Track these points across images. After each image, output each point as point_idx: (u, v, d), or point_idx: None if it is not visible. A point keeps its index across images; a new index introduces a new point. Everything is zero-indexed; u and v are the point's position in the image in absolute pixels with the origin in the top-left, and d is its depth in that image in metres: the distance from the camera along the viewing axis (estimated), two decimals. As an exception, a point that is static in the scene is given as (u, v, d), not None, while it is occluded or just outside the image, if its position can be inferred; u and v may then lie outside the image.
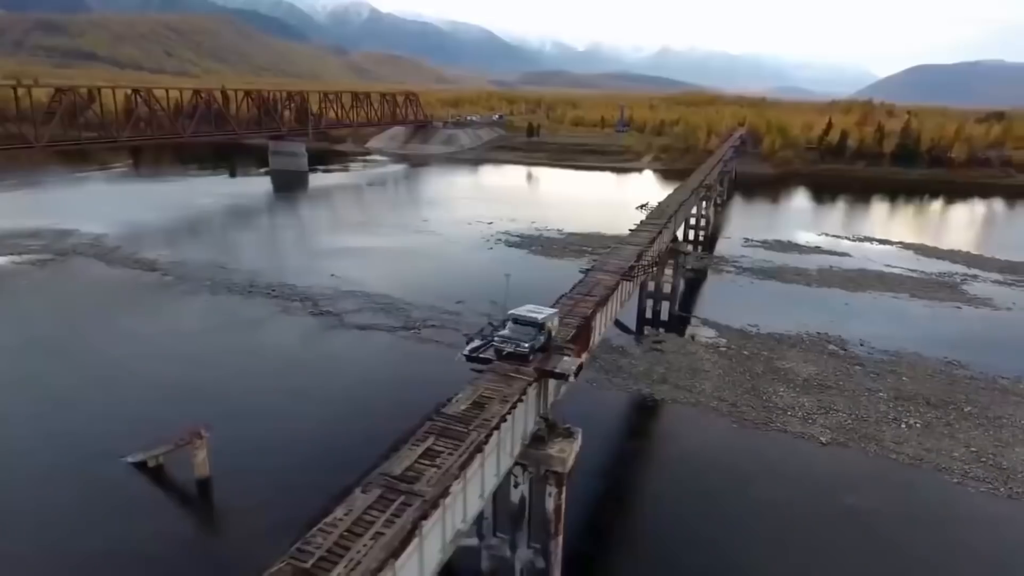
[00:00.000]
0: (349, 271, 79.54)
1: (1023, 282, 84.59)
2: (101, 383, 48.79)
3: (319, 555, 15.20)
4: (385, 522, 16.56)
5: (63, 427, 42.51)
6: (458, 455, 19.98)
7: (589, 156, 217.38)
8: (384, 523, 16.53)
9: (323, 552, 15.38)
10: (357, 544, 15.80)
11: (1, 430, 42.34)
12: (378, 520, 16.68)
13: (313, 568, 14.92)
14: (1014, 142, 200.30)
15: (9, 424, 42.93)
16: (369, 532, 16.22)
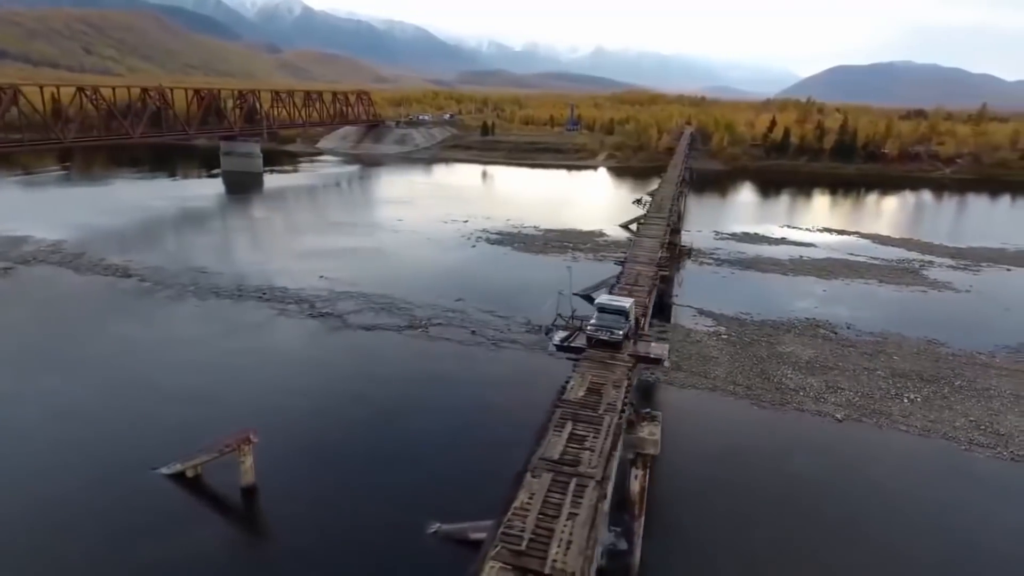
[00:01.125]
0: (338, 272, 78.08)
1: (974, 267, 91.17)
2: (115, 395, 46.39)
3: (528, 537, 15.45)
4: (572, 503, 16.94)
5: (87, 442, 40.40)
6: (603, 438, 20.50)
7: (545, 155, 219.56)
8: (572, 504, 16.91)
9: (530, 534, 15.65)
10: (558, 525, 16.14)
11: (22, 448, 39.78)
12: (564, 502, 17.05)
13: (529, 549, 15.17)
14: (938, 137, 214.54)
15: (29, 441, 40.34)
16: (563, 514, 16.58)
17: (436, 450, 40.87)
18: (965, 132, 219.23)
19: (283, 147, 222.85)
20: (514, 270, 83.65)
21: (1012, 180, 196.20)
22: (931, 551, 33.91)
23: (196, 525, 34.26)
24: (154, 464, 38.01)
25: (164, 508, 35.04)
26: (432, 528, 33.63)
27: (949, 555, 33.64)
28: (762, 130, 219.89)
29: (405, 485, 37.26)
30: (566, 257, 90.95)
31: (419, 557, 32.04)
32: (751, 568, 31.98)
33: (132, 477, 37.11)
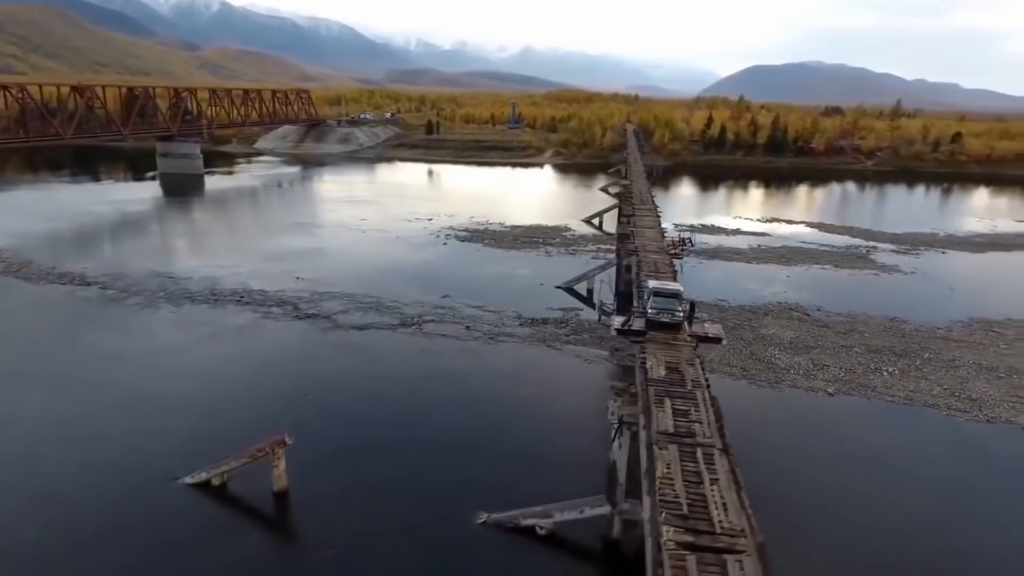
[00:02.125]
0: (313, 273, 76.32)
1: (913, 251, 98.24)
2: (116, 408, 43.85)
3: (688, 503, 16.24)
4: (709, 471, 17.85)
5: (98, 460, 38.16)
6: (705, 411, 21.53)
7: (491, 152, 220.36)
8: (709, 472, 17.81)
9: (687, 501, 16.44)
10: (705, 491, 17.01)
11: (31, 470, 37.21)
12: (702, 470, 17.92)
13: (691, 514, 15.96)
14: (859, 132, 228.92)
15: (37, 462, 37.76)
16: (704, 480, 17.46)
17: (466, 444, 40.99)
18: (882, 127, 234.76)
19: (219, 148, 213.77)
20: (491, 265, 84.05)
21: (925, 171, 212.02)
22: (934, 505, 36.83)
23: (232, 535, 33.09)
24: (175, 475, 36.46)
25: (194, 520, 33.61)
26: (481, 519, 33.84)
27: (952, 508, 36.62)
28: (699, 127, 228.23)
29: (443, 480, 37.23)
30: (538, 252, 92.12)
31: (472, 549, 32.16)
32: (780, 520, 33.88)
33: (154, 490, 35.43)
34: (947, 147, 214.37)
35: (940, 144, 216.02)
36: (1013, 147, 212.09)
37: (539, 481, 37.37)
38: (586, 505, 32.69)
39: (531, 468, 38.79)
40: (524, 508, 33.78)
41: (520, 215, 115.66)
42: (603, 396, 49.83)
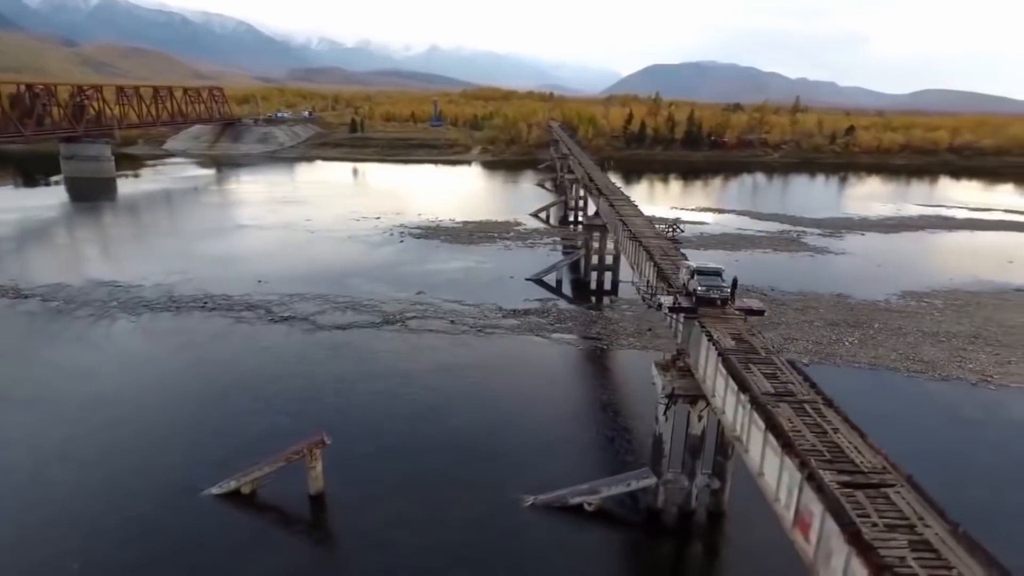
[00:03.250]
0: (273, 275, 73.51)
1: (837, 234, 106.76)
2: (110, 426, 40.79)
3: (828, 454, 17.88)
4: (826, 423, 19.64)
5: (113, 478, 35.73)
6: (790, 373, 23.40)
7: (419, 151, 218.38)
8: (826, 423, 19.61)
9: (823, 448, 18.10)
10: (833, 438, 18.75)
11: (44, 496, 34.22)
12: (819, 422, 19.68)
13: (834, 459, 17.60)
14: (765, 127, 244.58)
15: (49, 488, 34.74)
16: (828, 430, 19.22)
17: (491, 433, 41.37)
18: (784, 122, 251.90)
19: (124, 150, 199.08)
20: (455, 261, 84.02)
21: (824, 162, 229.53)
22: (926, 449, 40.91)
23: (275, 544, 31.85)
24: (198, 486, 34.69)
25: (232, 532, 32.09)
26: (528, 501, 34.49)
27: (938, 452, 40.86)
28: (618, 123, 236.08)
29: (480, 469, 37.53)
30: (497, 246, 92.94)
31: (525, 532, 32.67)
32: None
33: (181, 504, 33.58)
34: (842, 140, 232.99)
35: (836, 137, 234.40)
36: (897, 139, 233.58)
37: (574, 461, 38.55)
38: (632, 479, 34.12)
39: (564, 450, 39.85)
40: (570, 487, 34.78)
41: (466, 211, 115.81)
42: (607, 379, 51.97)
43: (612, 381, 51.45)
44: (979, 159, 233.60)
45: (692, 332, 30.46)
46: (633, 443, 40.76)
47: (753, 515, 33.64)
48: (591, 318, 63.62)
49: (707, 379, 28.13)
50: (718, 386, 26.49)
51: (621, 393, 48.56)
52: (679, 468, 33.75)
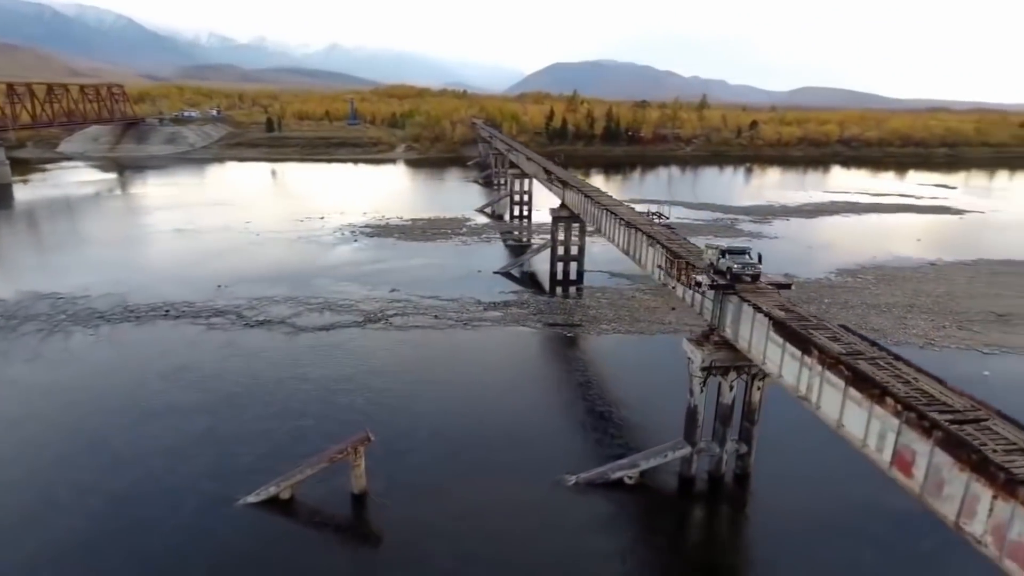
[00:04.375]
0: (231, 279, 70.37)
1: (766, 220, 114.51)
2: (103, 446, 38.12)
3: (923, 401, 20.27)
4: (902, 372, 22.15)
5: (136, 497, 33.56)
6: (848, 335, 25.88)
7: (341, 150, 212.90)
8: (902, 372, 22.12)
9: (918, 393, 20.49)
10: (923, 384, 21.22)
11: (66, 523, 31.56)
12: (899, 374, 22.14)
13: (929, 403, 20.00)
14: (678, 123, 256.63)
15: (64, 516, 32.04)
16: (909, 377, 21.70)
17: (516, 419, 42.15)
18: (693, 118, 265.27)
19: (12, 154, 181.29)
20: (417, 257, 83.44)
21: (733, 155, 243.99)
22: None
23: (328, 549, 31.20)
24: (232, 496, 33.32)
25: (276, 542, 30.83)
26: (570, 480, 35.61)
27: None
28: (538, 120, 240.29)
29: (516, 455, 38.26)
30: (454, 242, 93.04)
31: (572, 510, 33.79)
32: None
33: (217, 516, 32.16)
34: (747, 134, 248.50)
35: (741, 131, 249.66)
36: (795, 132, 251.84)
37: (602, 438, 40.07)
38: (668, 449, 36.00)
39: (592, 429, 41.27)
40: (610, 463, 36.24)
41: (410, 209, 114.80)
42: (603, 362, 53.60)
43: (609, 364, 53.22)
44: (865, 150, 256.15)
45: (730, 307, 32.61)
46: (654, 417, 42.69)
47: (775, 474, 36.69)
48: (568, 307, 65.38)
49: (754, 348, 30.33)
50: (771, 353, 28.69)
51: (620, 374, 50.59)
52: (710, 436, 36.01)
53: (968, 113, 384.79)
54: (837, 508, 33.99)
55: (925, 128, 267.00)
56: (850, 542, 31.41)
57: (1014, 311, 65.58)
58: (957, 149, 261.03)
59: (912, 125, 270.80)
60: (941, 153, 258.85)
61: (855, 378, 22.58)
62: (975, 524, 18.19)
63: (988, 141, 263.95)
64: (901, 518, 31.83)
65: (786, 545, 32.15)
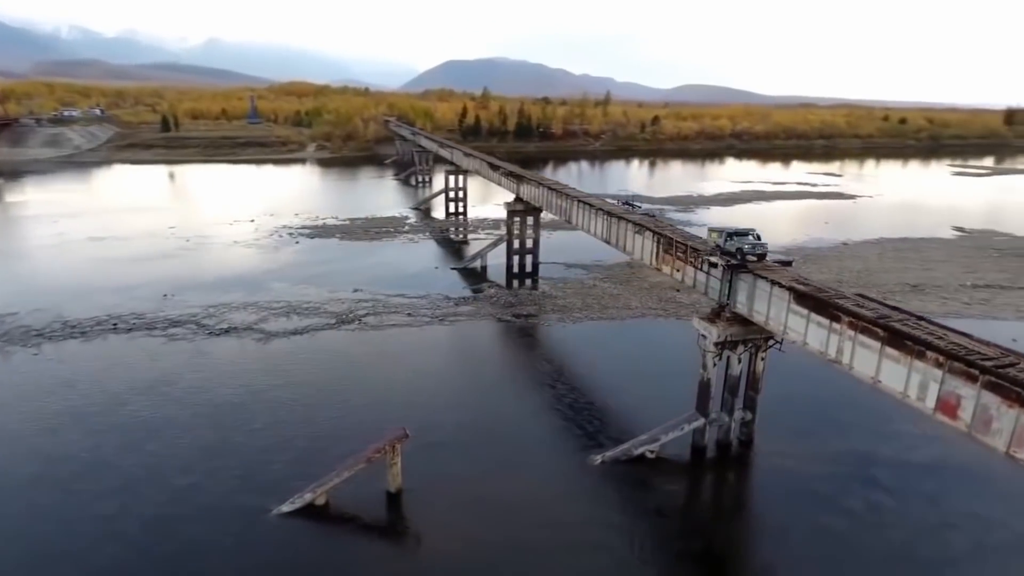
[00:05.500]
0: (177, 286, 66.18)
1: (689, 209, 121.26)
2: (119, 467, 35.29)
3: (962, 352, 23.39)
4: (929, 330, 25.31)
5: (167, 519, 31.39)
6: (868, 302, 28.95)
7: (248, 150, 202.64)
8: (929, 330, 25.28)
9: (954, 346, 23.60)
10: (952, 338, 24.39)
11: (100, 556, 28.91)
12: (928, 328, 25.28)
13: (965, 352, 23.14)
14: (585, 119, 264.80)
15: (112, 545, 29.32)
16: (938, 332, 24.86)
17: (531, 406, 43.02)
18: (598, 114, 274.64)
19: None
20: (368, 257, 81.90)
21: (638, 149, 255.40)
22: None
23: (372, 555, 30.78)
24: (263, 507, 32.03)
25: (318, 550, 29.99)
26: (596, 460, 37.05)
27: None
28: (449, 117, 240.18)
29: (539, 440, 39.22)
30: (401, 240, 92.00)
31: (602, 488, 35.27)
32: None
33: (253, 529, 30.79)
34: (650, 129, 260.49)
35: (645, 126, 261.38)
36: (693, 126, 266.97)
37: (613, 418, 41.78)
38: (684, 422, 38.23)
39: (600, 411, 42.86)
40: (632, 439, 37.97)
41: (342, 209, 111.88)
42: (586, 348, 55.19)
43: (593, 348, 54.73)
44: (755, 143, 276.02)
45: (743, 284, 35.21)
46: (654, 392, 44.80)
47: (774, 436, 39.86)
48: (536, 299, 66.75)
49: (772, 320, 33.04)
50: (792, 323, 31.45)
51: (607, 357, 52.42)
52: (719, 408, 38.63)
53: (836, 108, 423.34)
54: (829, 458, 37.55)
55: (805, 122, 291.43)
56: (840, 488, 34.81)
57: (922, 281, 73.96)
58: (832, 141, 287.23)
59: (793, 119, 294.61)
60: (819, 145, 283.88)
61: (892, 337, 25.52)
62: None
63: (858, 133, 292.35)
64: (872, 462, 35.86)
65: (791, 495, 35.04)
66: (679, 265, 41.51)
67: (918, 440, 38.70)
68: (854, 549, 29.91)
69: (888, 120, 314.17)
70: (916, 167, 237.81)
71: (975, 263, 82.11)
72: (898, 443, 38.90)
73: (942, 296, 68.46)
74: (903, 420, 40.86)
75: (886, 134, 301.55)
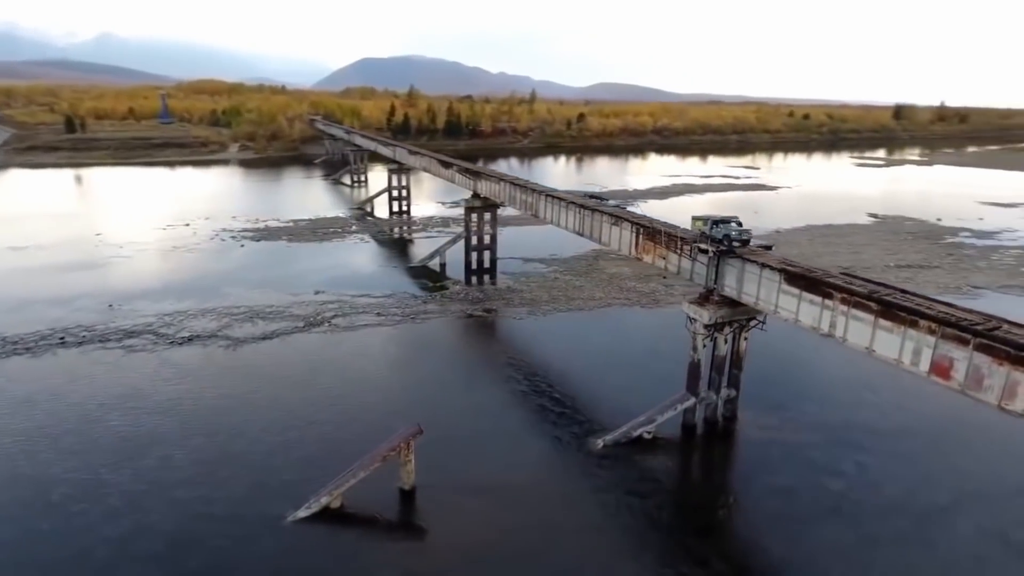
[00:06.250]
0: (122, 295, 62.54)
1: (628, 203, 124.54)
2: (118, 488, 33.17)
3: (951, 320, 26.14)
4: (916, 301, 28.08)
5: (184, 536, 29.96)
6: (854, 279, 31.59)
7: (165, 151, 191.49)
8: (916, 301, 28.05)
9: (944, 314, 26.32)
10: (938, 307, 27.19)
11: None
12: (915, 300, 28.02)
13: (955, 320, 25.89)
14: (512, 117, 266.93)
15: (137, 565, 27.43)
16: (925, 303, 27.62)
17: (532, 396, 43.68)
18: (524, 112, 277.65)
19: None
20: (321, 258, 79.93)
21: (565, 146, 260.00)
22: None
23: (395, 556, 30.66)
24: (278, 514, 31.27)
25: (340, 555, 29.49)
26: (598, 443, 38.31)
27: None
28: (379, 115, 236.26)
29: (544, 430, 40.05)
30: (350, 240, 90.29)
31: (606, 470, 36.57)
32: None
33: (269, 538, 29.98)
34: (576, 126, 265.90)
35: (571, 123, 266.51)
36: (617, 123, 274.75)
37: (606, 401, 43.16)
38: (676, 402, 40.11)
39: (592, 395, 44.13)
40: (630, 421, 39.42)
41: (280, 211, 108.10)
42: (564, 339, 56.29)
43: (571, 338, 55.79)
44: (674, 138, 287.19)
45: (731, 269, 37.36)
46: (638, 374, 46.55)
47: (755, 410, 42.44)
48: (501, 293, 67.41)
49: (762, 301, 35.30)
50: (783, 302, 33.77)
51: (585, 345, 53.76)
52: (707, 387, 40.77)
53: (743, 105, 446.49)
54: (810, 427, 40.52)
55: (719, 118, 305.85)
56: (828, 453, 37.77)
57: (853, 264, 79.85)
58: (745, 136, 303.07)
59: (708, 115, 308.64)
60: (733, 140, 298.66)
61: (885, 310, 28.10)
62: (1017, 402, 24.14)
63: (767, 128, 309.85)
64: (849, 429, 39.18)
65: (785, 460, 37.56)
66: (662, 253, 43.36)
67: (886, 408, 42.39)
68: (855, 502, 32.84)
69: (793, 116, 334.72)
70: (821, 159, 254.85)
71: (895, 246, 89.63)
72: (869, 412, 42.38)
73: (872, 277, 74.23)
74: (871, 390, 44.80)
75: (792, 129, 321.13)
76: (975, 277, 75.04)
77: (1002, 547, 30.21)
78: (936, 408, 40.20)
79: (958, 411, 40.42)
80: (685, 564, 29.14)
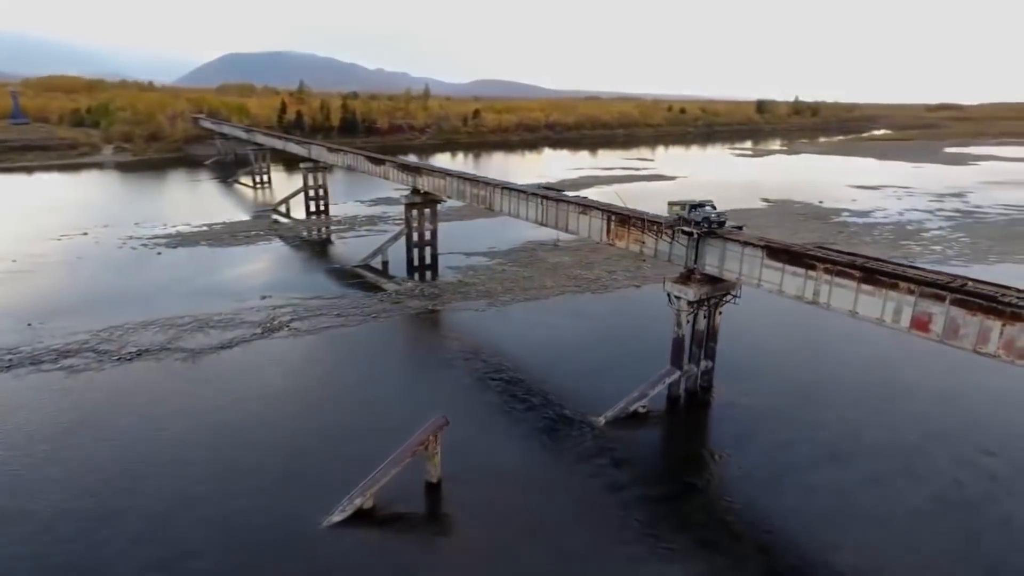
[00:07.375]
0: (38, 313, 56.39)
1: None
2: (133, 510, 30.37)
3: (927, 280, 30.47)
4: (890, 267, 32.32)
5: (218, 557, 28.14)
6: (831, 251, 35.56)
7: (27, 155, 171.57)
8: (891, 266, 32.29)
9: (919, 276, 30.61)
10: (911, 271, 31.51)
11: None
12: (888, 265, 32.22)
13: (929, 281, 30.24)
14: (409, 114, 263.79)
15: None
16: (898, 269, 31.88)
17: (531, 387, 44.64)
18: (419, 108, 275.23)
19: None
20: (253, 261, 76.17)
21: (462, 142, 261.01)
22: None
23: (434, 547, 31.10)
24: (312, 521, 30.50)
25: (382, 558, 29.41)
26: (601, 420, 40.26)
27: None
28: (268, 113, 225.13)
29: (545, 414, 41.32)
30: (277, 243, 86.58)
31: (610, 446, 38.67)
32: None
33: (310, 547, 29.25)
34: (472, 122, 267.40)
35: (468, 120, 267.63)
36: (512, 119, 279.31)
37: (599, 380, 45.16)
38: (664, 377, 42.90)
39: (583, 377, 45.94)
40: (625, 397, 41.63)
41: (187, 215, 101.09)
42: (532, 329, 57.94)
43: (535, 327, 57.33)
44: (566, 133, 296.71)
45: (712, 249, 40.48)
46: (618, 354, 48.97)
47: (728, 378, 46.16)
48: (455, 288, 67.64)
49: (745, 276, 38.66)
50: (767, 275, 37.26)
51: (554, 332, 55.55)
52: (687, 360, 43.88)
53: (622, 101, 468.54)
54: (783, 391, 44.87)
55: (607, 113, 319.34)
56: (809, 411, 42.20)
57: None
58: (631, 130, 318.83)
59: (597, 110, 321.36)
60: (620, 134, 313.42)
61: (867, 275, 32.09)
62: (989, 346, 28.62)
63: (649, 122, 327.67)
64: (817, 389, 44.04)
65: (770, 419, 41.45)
66: (638, 237, 45.90)
67: (848, 362, 47.70)
68: (846, 449, 37.06)
69: (672, 111, 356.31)
70: (700, 151, 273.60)
71: (794, 226, 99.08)
72: (831, 368, 47.52)
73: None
74: (824, 356, 50.10)
75: (672, 123, 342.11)
76: (866, 250, 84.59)
77: (974, 471, 35.48)
78: (886, 354, 45.98)
79: (901, 356, 46.51)
80: (730, 513, 31.84)
